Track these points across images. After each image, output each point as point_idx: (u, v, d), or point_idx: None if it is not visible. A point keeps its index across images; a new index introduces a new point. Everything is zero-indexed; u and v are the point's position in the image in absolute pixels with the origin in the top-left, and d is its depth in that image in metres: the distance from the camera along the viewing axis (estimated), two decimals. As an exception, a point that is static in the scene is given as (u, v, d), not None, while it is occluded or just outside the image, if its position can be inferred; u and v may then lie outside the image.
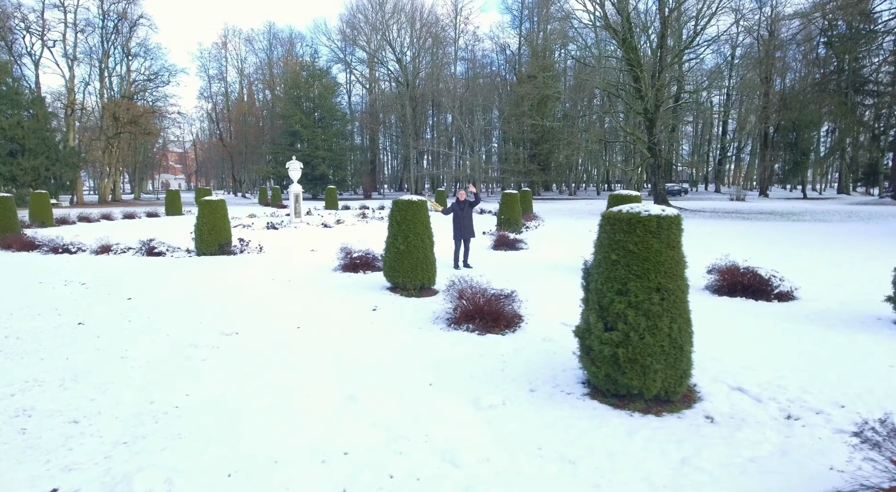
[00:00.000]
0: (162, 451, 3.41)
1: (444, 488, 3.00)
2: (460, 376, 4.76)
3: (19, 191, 37.75)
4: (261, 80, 67.82)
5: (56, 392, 4.37)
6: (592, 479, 3.11)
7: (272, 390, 4.42)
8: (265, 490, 2.98)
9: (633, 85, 27.52)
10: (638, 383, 3.98)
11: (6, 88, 38.56)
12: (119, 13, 45.31)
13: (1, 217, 14.96)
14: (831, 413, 3.88)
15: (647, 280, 3.95)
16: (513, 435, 3.65)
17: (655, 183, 28.48)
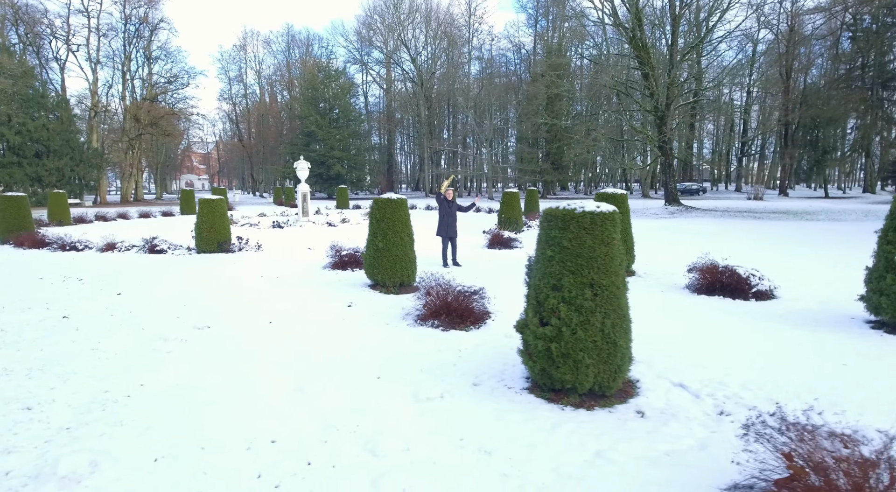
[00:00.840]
0: (100, 436, 3.57)
1: (355, 475, 3.10)
2: (411, 370, 4.85)
3: (45, 191, 39.06)
4: (279, 81, 68.77)
5: (20, 381, 4.59)
6: (502, 468, 3.17)
7: (225, 382, 4.57)
8: (184, 474, 3.11)
9: (643, 82, 27.20)
10: (571, 377, 4.03)
11: (32, 92, 39.90)
12: (140, 17, 46.47)
13: (15, 216, 15.54)
14: (764, 409, 3.86)
15: (580, 276, 3.99)
16: (440, 427, 3.72)
17: (666, 181, 28.11)
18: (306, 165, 22.54)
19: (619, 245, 4.12)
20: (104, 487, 2.98)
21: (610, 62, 27.81)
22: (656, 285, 8.63)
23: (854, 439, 2.63)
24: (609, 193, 9.55)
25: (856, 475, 2.40)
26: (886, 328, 5.85)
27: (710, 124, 68.28)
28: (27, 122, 38.06)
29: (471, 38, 56.63)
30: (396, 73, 63.38)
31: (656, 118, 27.05)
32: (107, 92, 48.50)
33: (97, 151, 43.93)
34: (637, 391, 4.31)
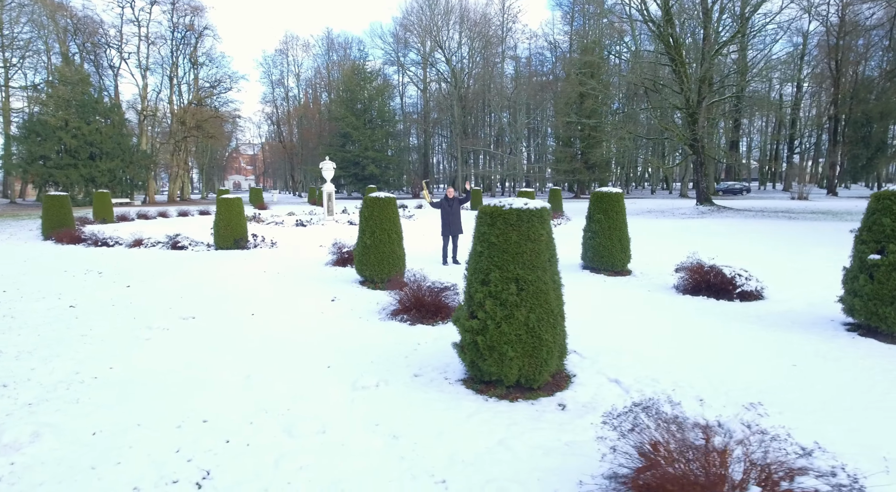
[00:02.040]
0: (55, 412, 3.94)
1: (264, 453, 3.33)
2: (362, 361, 5.05)
3: (98, 191, 41.47)
4: (318, 84, 70.43)
5: (8, 361, 5.06)
6: (403, 452, 3.33)
7: (187, 368, 4.90)
8: (112, 446, 3.42)
9: (674, 79, 26.50)
10: (496, 369, 4.14)
11: (87, 98, 42.40)
12: (186, 25, 48.61)
13: (58, 214, 16.69)
14: (685, 406, 3.86)
15: (506, 271, 4.09)
16: (364, 413, 3.91)
17: (697, 181, 27.28)
18: (331, 166, 23.13)
19: (547, 242, 4.19)
20: (40, 454, 3.32)
21: (638, 59, 27.19)
22: (646, 285, 8.53)
23: (715, 431, 2.67)
24: (604, 192, 9.51)
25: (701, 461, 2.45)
26: (861, 331, 5.65)
27: (759, 121, 65.64)
28: (82, 126, 40.48)
29: (504, 36, 56.42)
30: (432, 73, 63.85)
31: (687, 115, 26.29)
32: (156, 97, 51.03)
33: (146, 153, 46.25)
34: (569, 385, 4.38)
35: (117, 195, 44.03)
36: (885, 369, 4.55)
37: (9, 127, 44.39)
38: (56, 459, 3.26)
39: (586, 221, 9.74)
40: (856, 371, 4.53)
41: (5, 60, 45.44)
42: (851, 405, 3.87)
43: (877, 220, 5.41)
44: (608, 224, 9.34)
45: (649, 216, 23.85)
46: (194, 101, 50.04)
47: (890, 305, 5.23)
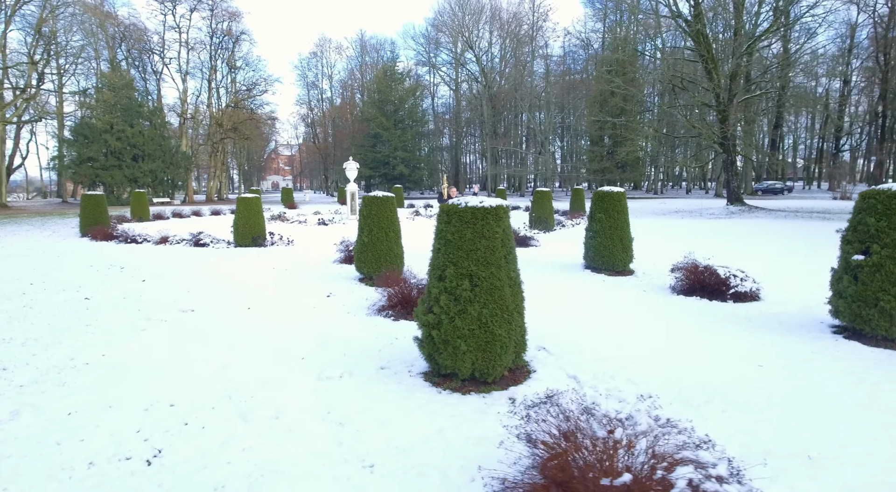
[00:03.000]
0: (40, 393, 4.28)
1: (215, 435, 3.55)
2: (336, 353, 5.25)
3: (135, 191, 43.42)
4: (351, 85, 71.59)
5: (14, 348, 5.48)
6: (344, 438, 3.49)
7: (169, 356, 5.20)
8: (81, 425, 3.71)
9: (705, 76, 25.82)
10: (450, 362, 4.25)
11: (131, 102, 44.44)
12: (224, 31, 50.29)
13: (94, 212, 17.62)
14: (629, 403, 3.89)
15: (460, 267, 4.20)
16: (320, 401, 4.09)
17: (728, 180, 26.47)
18: (355, 166, 23.58)
19: (502, 239, 4.27)
20: (15, 430, 3.63)
21: (666, 56, 26.60)
22: (644, 285, 8.45)
23: (623, 424, 2.73)
24: (605, 191, 9.47)
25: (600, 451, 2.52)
26: (846, 333, 5.49)
27: (804, 118, 63.06)
28: (126, 129, 42.48)
29: (534, 35, 56.03)
30: (462, 73, 64.03)
31: (718, 113, 25.57)
32: (196, 100, 52.98)
33: (186, 154, 48.13)
34: (526, 380, 4.45)
35: (159, 195, 45.98)
36: (852, 371, 4.43)
37: (62, 131, 46.92)
38: (28, 435, 3.57)
39: (588, 221, 9.70)
40: (823, 372, 4.43)
41: (59, 67, 48.08)
42: (799, 405, 3.81)
43: (862, 219, 5.26)
44: (609, 224, 9.28)
45: (675, 217, 23.34)
46: (231, 103, 51.71)
47: (874, 306, 5.07)
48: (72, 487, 2.97)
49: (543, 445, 2.64)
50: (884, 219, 5.06)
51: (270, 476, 3.04)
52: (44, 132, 53.26)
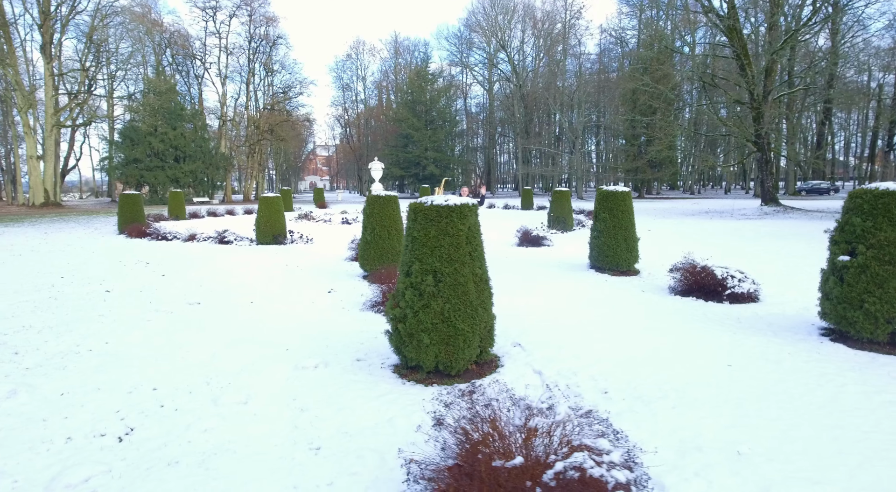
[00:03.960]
0: (41, 375, 4.66)
1: (185, 416, 3.82)
2: (319, 345, 5.48)
3: (183, 190, 45.30)
4: (385, 86, 72.50)
5: (30, 334, 5.94)
6: (300, 423, 3.70)
7: (168, 345, 5.54)
8: (69, 404, 4.04)
9: (737, 73, 25.05)
10: (415, 355, 4.41)
11: (174, 105, 46.33)
12: (261, 35, 51.81)
13: (130, 211, 18.58)
14: (585, 399, 3.97)
15: (424, 263, 4.36)
16: (290, 389, 4.32)
17: (763, 180, 25.59)
18: (380, 166, 23.97)
19: (466, 236, 4.40)
20: (9, 408, 3.99)
21: (695, 52, 25.90)
22: (645, 286, 8.38)
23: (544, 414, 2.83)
24: (610, 191, 9.42)
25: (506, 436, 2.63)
26: (833, 336, 5.37)
27: (856, 115, 60.12)
28: (169, 131, 44.33)
29: (566, 33, 55.38)
30: (495, 73, 63.96)
31: (752, 110, 24.76)
32: (234, 103, 54.76)
33: (224, 155, 49.83)
34: (492, 374, 4.57)
35: (199, 194, 47.77)
36: (824, 373, 4.35)
37: (113, 134, 49.39)
38: (21, 411, 3.92)
39: (592, 221, 9.67)
40: (793, 373, 4.37)
41: (110, 73, 50.63)
42: (754, 404, 3.79)
43: (849, 219, 5.13)
44: (613, 223, 9.23)
45: (703, 217, 22.76)
46: (268, 106, 53.22)
47: (858, 308, 4.95)
48: (48, 457, 3.27)
49: (462, 430, 2.76)
50: (870, 219, 4.93)
51: (223, 455, 3.27)
52: (95, 135, 56.07)
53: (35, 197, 39.18)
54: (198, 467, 3.13)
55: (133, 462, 3.19)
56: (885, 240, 4.82)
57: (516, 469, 2.32)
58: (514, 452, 2.41)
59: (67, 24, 42.77)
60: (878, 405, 3.74)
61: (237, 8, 50.37)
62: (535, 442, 2.56)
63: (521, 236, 13.48)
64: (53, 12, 40.74)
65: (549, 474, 2.25)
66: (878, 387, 4.04)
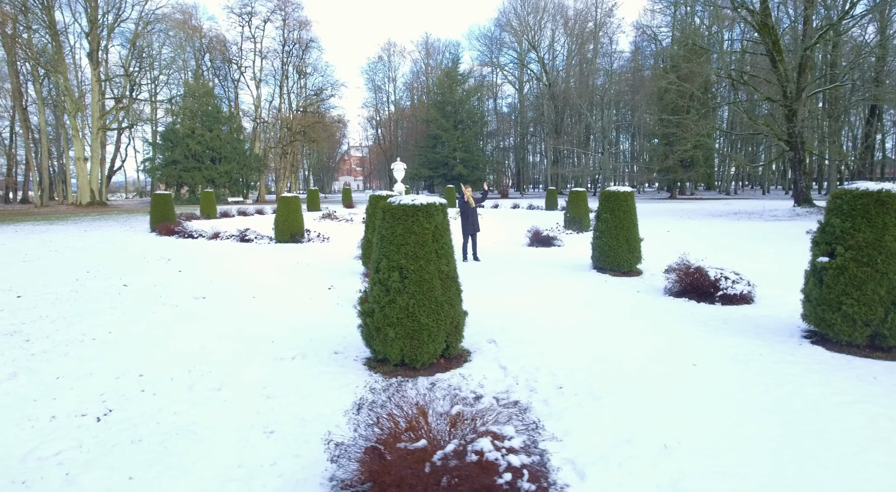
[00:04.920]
0: (44, 360, 5.05)
1: (160, 399, 4.10)
2: (302, 338, 5.72)
3: (217, 191, 46.93)
4: (416, 87, 73.12)
5: (45, 324, 6.40)
6: (263, 409, 3.93)
7: (165, 336, 5.89)
8: (61, 387, 4.39)
9: (769, 70, 24.29)
10: (381, 348, 4.60)
11: (211, 108, 47.96)
12: (295, 39, 53.07)
13: (162, 210, 19.44)
14: (538, 393, 4.07)
15: (391, 260, 4.54)
16: (264, 378, 4.56)
17: (796, 180, 24.71)
18: (402, 167, 24.26)
19: (433, 234, 4.55)
20: (7, 388, 4.36)
21: (725, 49, 25.19)
22: (643, 286, 8.33)
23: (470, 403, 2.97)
24: (612, 191, 9.41)
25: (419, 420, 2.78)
26: (814, 338, 5.28)
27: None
28: (205, 133, 45.94)
29: (597, 32, 54.66)
30: (526, 73, 63.67)
31: (786, 109, 23.96)
32: (268, 105, 56.29)
33: (258, 156, 51.28)
34: (458, 368, 4.71)
35: (233, 194, 49.29)
36: (788, 373, 4.32)
37: (155, 136, 51.53)
38: (17, 392, 4.28)
39: (595, 221, 9.65)
40: (757, 374, 4.34)
41: (153, 78, 52.85)
42: (705, 401, 3.80)
43: (829, 220, 5.05)
44: (614, 224, 9.20)
45: (731, 218, 22.17)
46: (300, 108, 54.49)
47: (837, 310, 4.87)
48: (31, 433, 3.59)
49: (389, 417, 2.93)
50: (849, 220, 4.85)
51: (184, 435, 3.53)
52: (139, 138, 58.54)
53: (82, 196, 41.24)
54: (158, 445, 3.39)
55: (102, 440, 3.48)
56: (863, 241, 4.74)
57: (419, 451, 2.47)
58: (421, 435, 2.56)
59: (113, 32, 44.85)
60: (832, 406, 3.71)
61: (272, 13, 51.79)
62: (445, 427, 2.70)
63: (531, 237, 13.50)
64: (100, 21, 42.81)
65: (440, 454, 2.39)
66: (839, 389, 4.00)
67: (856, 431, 3.34)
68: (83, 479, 2.98)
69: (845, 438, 3.25)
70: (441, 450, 2.41)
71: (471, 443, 2.54)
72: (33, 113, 48.21)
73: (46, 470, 3.09)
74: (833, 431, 3.35)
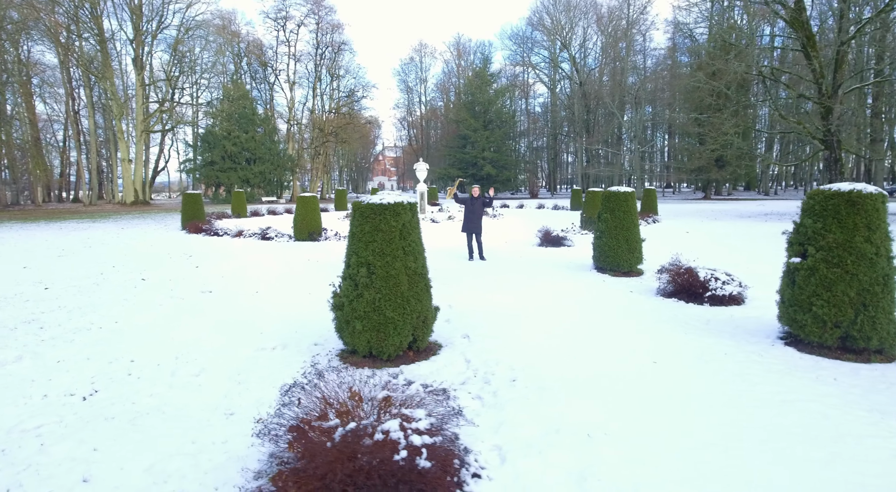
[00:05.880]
0: (51, 346, 5.50)
1: (141, 384, 4.45)
2: (289, 330, 6.02)
3: (252, 190, 48.50)
4: (447, 88, 73.48)
5: (62, 313, 6.91)
6: (231, 392, 4.22)
7: (165, 326, 6.29)
8: (59, 369, 4.80)
9: (806, 65, 23.45)
10: (350, 340, 4.84)
11: (246, 110, 49.51)
12: (327, 42, 54.24)
13: (192, 209, 20.30)
14: (496, 383, 4.22)
15: (360, 257, 4.77)
16: (242, 365, 4.86)
17: (832, 180, 23.78)
18: (424, 167, 24.58)
19: (400, 232, 4.75)
20: (12, 369, 4.80)
21: (755, 45, 24.45)
22: (639, 287, 8.31)
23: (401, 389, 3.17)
24: (612, 191, 9.41)
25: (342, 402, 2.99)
26: (789, 340, 5.23)
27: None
28: (241, 135, 47.47)
29: (629, 30, 53.70)
30: (558, 73, 63.16)
31: (821, 106, 23.10)
32: (302, 107, 57.66)
33: (291, 157, 52.63)
34: (424, 360, 4.90)
35: (267, 194, 50.73)
36: (747, 373, 4.33)
37: (197, 139, 53.57)
38: (19, 373, 4.71)
39: (596, 221, 9.66)
40: (715, 373, 4.37)
41: (194, 82, 54.93)
42: (649, 396, 3.87)
43: (803, 221, 5.01)
44: (614, 224, 9.20)
45: (759, 219, 21.56)
46: (332, 109, 55.64)
47: (808, 311, 4.83)
48: (22, 409, 3.98)
49: (322, 399, 3.15)
50: (820, 220, 4.80)
51: (153, 415, 3.84)
52: (181, 140, 60.94)
53: (127, 196, 43.29)
54: (128, 422, 3.72)
55: (82, 416, 3.83)
56: (833, 242, 4.69)
57: (330, 427, 2.68)
58: (346, 416, 2.77)
59: (156, 38, 46.84)
60: (775, 404, 3.73)
61: (305, 17, 53.06)
62: (367, 409, 2.91)
63: (541, 237, 13.54)
64: (144, 28, 44.83)
65: (341, 431, 2.59)
66: (790, 388, 4.00)
67: (786, 427, 3.37)
68: (54, 449, 3.32)
69: (773, 434, 3.29)
70: (343, 427, 2.61)
71: (381, 424, 2.74)
72: (84, 116, 50.94)
73: (25, 441, 3.44)
74: (765, 427, 3.39)
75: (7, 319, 6.67)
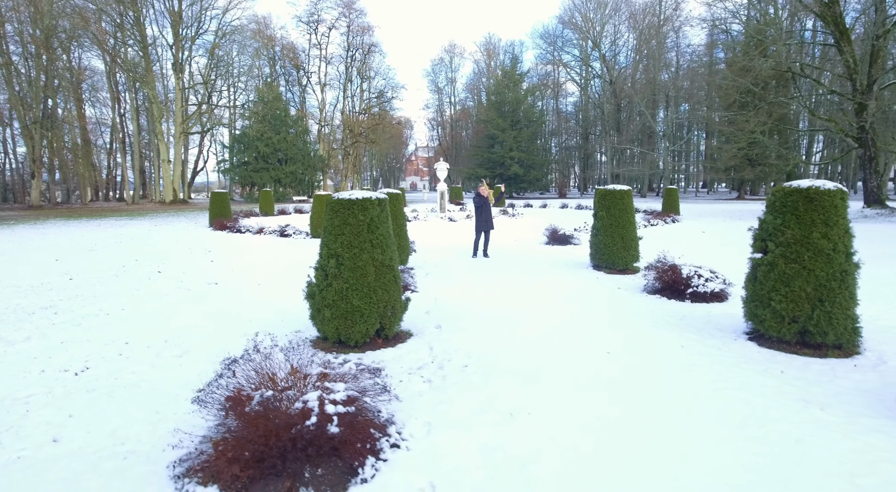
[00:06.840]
0: (60, 329, 6.01)
1: (127, 363, 4.86)
2: (275, 319, 6.38)
3: (284, 190, 49.82)
4: (477, 88, 73.60)
5: (77, 301, 7.48)
6: (203, 371, 4.56)
7: (167, 314, 6.75)
8: (60, 349, 5.27)
9: (839, 60, 22.66)
10: (320, 327, 5.15)
11: (279, 112, 50.83)
12: (357, 45, 55.18)
13: (219, 207, 21.16)
14: (445, 369, 4.45)
15: (330, 249, 5.08)
16: (222, 349, 5.21)
17: (865, 179, 22.87)
18: (445, 166, 24.83)
19: (367, 226, 5.03)
20: (20, 347, 5.31)
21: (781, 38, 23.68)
22: (629, 284, 8.34)
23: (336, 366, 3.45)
24: (608, 189, 9.46)
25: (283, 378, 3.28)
26: (752, 335, 5.26)
27: None
28: (273, 136, 48.78)
29: (661, 27, 52.62)
30: (590, 72, 62.44)
31: (854, 103, 22.29)
32: (333, 108, 58.82)
33: (322, 157, 53.77)
34: (389, 348, 5.16)
35: (298, 193, 51.94)
36: (692, 364, 4.43)
37: (233, 140, 55.37)
38: (25, 351, 5.21)
39: (593, 219, 9.73)
40: (660, 364, 4.48)
41: (230, 85, 56.81)
42: (589, 384, 4.02)
43: (765, 217, 5.05)
44: (610, 222, 9.25)
45: (786, 219, 20.93)
46: (362, 111, 56.58)
47: (767, 306, 4.88)
48: (19, 381, 4.43)
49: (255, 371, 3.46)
50: (780, 217, 4.84)
51: (130, 389, 4.23)
52: (218, 141, 63.11)
53: (166, 195, 45.12)
54: (106, 394, 4.12)
55: (68, 389, 4.25)
56: (791, 238, 4.73)
57: (251, 396, 2.98)
58: (263, 388, 3.07)
59: (194, 43, 48.70)
60: (708, 392, 3.84)
61: (336, 20, 54.15)
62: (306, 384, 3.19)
63: (549, 235, 13.63)
64: (182, 33, 46.67)
65: (258, 397, 2.88)
66: (729, 378, 4.10)
67: (703, 412, 3.50)
68: (35, 414, 3.73)
69: (688, 417, 3.42)
70: (258, 393, 2.90)
71: (303, 395, 3.02)
72: (129, 119, 53.37)
73: (14, 407, 3.88)
74: (684, 411, 3.52)
75: (28, 304, 7.27)
